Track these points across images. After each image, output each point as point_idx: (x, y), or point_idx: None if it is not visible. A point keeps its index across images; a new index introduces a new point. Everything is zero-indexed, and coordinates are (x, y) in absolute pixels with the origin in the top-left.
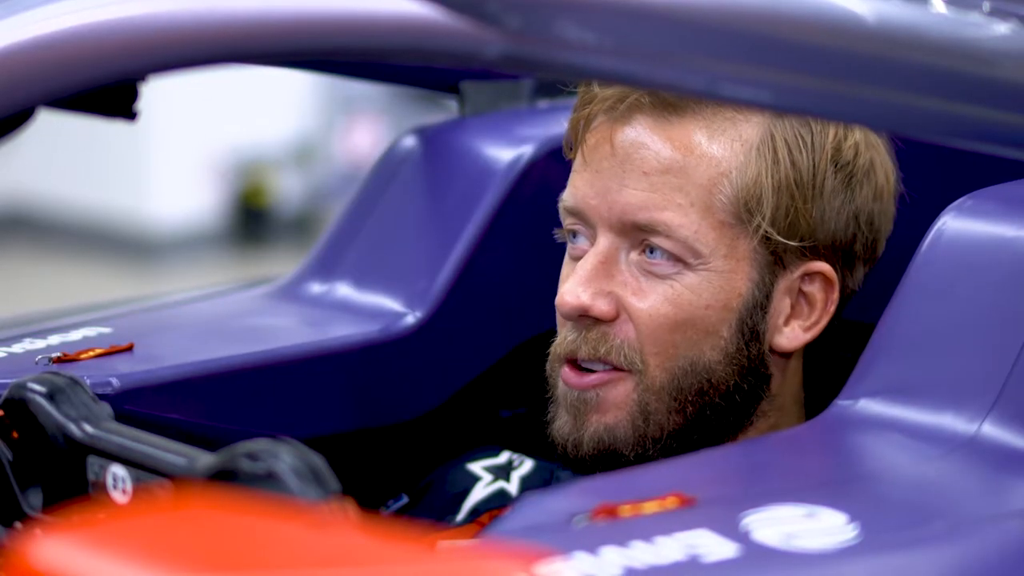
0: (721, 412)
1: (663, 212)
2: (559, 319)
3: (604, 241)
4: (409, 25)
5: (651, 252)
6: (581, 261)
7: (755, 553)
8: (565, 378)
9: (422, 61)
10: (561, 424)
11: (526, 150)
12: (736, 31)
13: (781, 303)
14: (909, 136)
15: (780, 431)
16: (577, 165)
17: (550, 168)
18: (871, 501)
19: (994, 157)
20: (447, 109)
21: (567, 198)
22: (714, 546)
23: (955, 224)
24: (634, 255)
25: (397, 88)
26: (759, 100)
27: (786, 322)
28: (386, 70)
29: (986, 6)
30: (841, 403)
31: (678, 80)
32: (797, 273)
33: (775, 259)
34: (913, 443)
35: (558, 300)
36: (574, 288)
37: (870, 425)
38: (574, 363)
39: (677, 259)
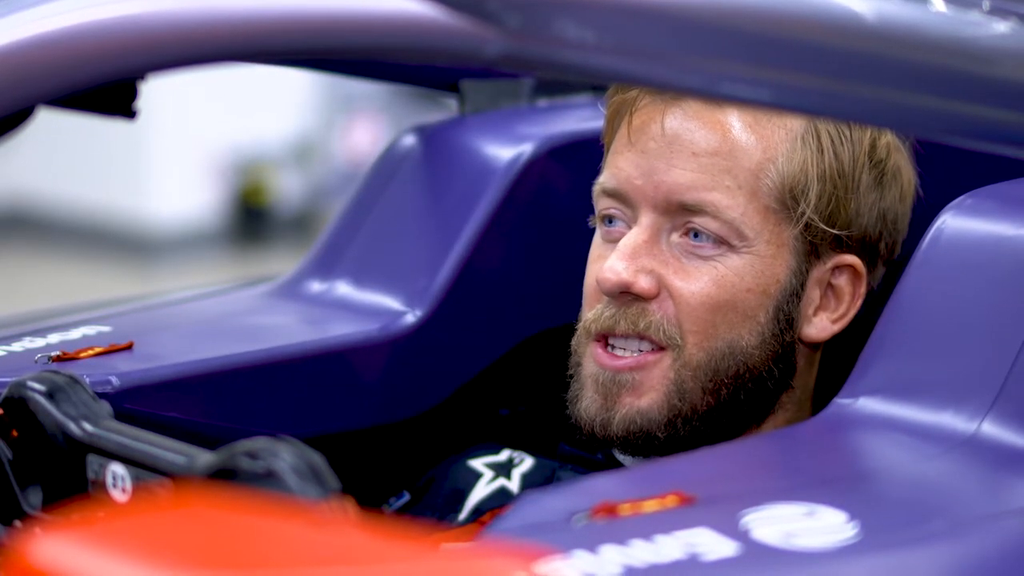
0: (752, 397)
1: (711, 193)
2: (588, 297)
3: (647, 220)
4: (409, 24)
5: (695, 235)
6: (624, 239)
7: (755, 552)
8: (598, 359)
9: (422, 60)
10: (588, 404)
11: (526, 148)
12: (736, 30)
13: (812, 293)
14: (909, 135)
15: (779, 429)
16: (619, 147)
17: (550, 167)
18: (871, 500)
19: (994, 156)
20: (447, 108)
21: (607, 179)
22: (714, 545)
23: (954, 223)
24: (676, 236)
25: (397, 87)
26: (759, 99)
27: (815, 313)
28: (386, 69)
29: (986, 5)
30: (841, 401)
31: (678, 79)
32: (829, 265)
33: (811, 248)
34: (913, 442)
35: (599, 276)
36: (616, 264)
37: (870, 424)
38: (604, 343)
39: (721, 241)
